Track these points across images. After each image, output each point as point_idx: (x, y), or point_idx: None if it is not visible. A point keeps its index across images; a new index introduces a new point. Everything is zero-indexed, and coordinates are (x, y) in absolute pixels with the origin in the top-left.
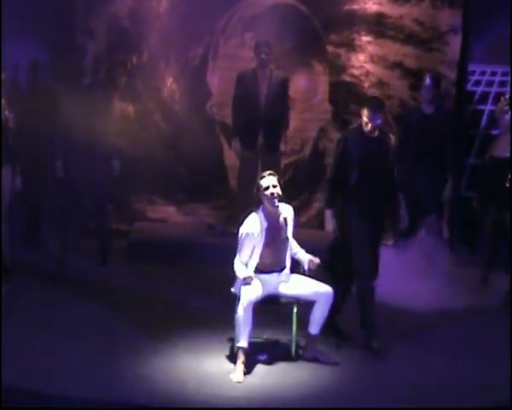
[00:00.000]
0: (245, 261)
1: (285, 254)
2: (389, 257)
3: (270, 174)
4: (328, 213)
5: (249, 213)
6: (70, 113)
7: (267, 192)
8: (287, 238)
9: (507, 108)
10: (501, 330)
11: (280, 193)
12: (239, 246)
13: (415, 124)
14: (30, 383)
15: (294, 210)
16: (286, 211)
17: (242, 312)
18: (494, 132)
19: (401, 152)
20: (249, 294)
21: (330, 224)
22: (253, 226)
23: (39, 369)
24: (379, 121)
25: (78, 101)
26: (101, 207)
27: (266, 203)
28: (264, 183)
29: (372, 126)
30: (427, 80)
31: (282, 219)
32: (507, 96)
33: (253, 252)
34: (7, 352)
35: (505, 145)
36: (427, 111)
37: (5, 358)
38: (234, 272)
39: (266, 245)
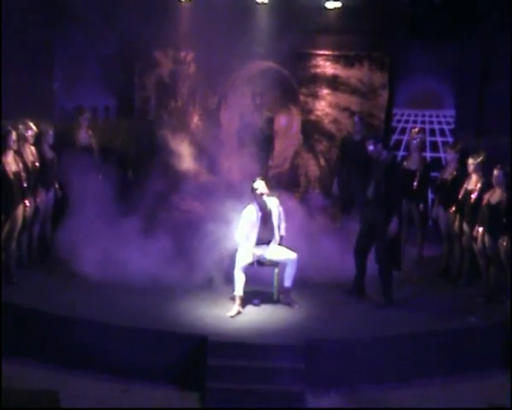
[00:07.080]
0: (245, 235)
1: (273, 231)
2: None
3: (260, 179)
4: None
5: (246, 205)
6: (139, 138)
7: (258, 192)
8: (273, 221)
9: (415, 136)
10: None
11: (267, 192)
12: (240, 226)
13: (348, 148)
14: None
15: (278, 199)
16: (272, 203)
17: (238, 271)
18: (403, 154)
19: (340, 166)
20: (242, 258)
21: None
22: (251, 215)
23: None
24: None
25: (143, 131)
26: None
27: (257, 199)
28: (255, 185)
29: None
30: (356, 119)
31: (269, 208)
32: (416, 129)
33: (251, 230)
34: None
35: (413, 161)
36: (356, 138)
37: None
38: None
39: (260, 226)
